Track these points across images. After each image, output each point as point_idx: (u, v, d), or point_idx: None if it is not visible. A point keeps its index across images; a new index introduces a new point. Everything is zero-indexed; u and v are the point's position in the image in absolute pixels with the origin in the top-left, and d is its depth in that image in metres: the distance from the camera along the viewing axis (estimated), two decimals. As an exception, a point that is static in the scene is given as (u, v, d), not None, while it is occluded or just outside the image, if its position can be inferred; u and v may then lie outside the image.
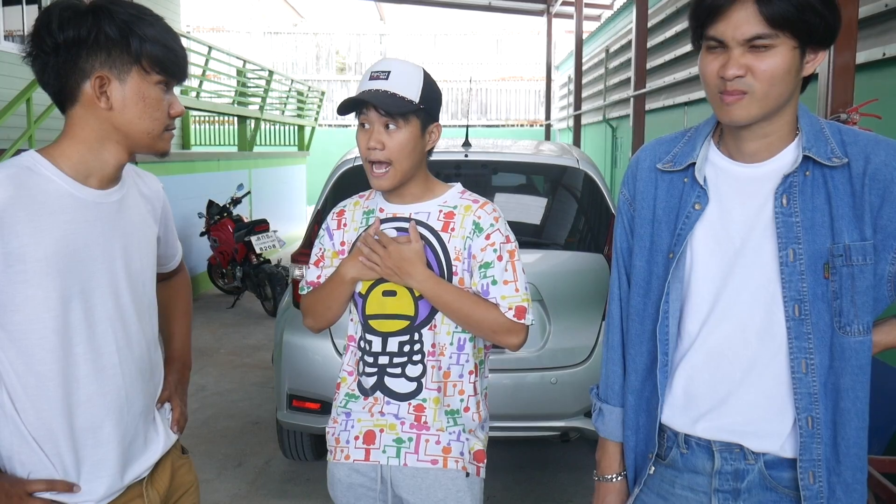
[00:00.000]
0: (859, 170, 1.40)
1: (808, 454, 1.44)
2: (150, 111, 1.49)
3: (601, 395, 1.72)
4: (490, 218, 1.84)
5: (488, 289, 1.82)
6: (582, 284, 3.61)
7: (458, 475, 1.86)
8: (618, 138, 11.76)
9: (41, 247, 1.41)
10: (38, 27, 1.44)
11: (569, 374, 3.51)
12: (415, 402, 1.85)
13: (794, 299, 1.42)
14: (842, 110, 2.84)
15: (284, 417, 3.65)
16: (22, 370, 1.44)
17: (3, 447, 1.47)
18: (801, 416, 1.43)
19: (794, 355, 1.43)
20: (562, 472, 4.10)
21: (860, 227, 1.39)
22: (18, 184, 1.40)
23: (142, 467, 1.62)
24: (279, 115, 12.93)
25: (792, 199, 1.42)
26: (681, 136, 1.59)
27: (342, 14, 25.87)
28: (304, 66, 21.56)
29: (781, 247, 1.42)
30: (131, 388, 1.59)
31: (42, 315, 1.43)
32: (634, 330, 1.62)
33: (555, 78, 17.11)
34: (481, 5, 15.64)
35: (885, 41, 3.97)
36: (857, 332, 1.42)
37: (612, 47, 11.95)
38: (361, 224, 1.92)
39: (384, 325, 1.86)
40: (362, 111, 1.79)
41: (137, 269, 1.61)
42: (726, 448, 1.50)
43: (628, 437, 1.66)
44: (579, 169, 3.85)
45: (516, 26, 21.01)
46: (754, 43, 1.34)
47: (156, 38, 1.46)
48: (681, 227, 1.51)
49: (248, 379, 5.63)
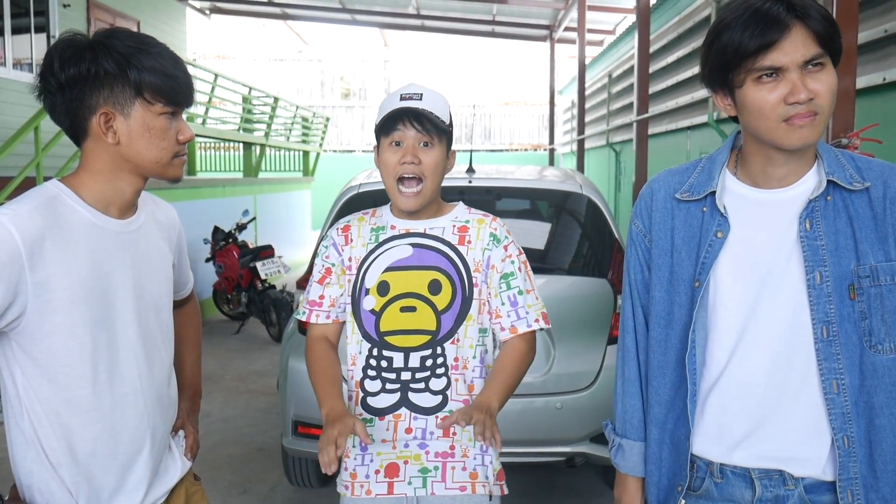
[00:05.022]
0: (879, 194, 1.43)
1: (846, 473, 1.45)
2: (157, 141, 1.51)
3: (619, 430, 1.71)
4: (504, 230, 1.90)
5: (516, 299, 1.86)
6: (586, 309, 3.62)
7: (483, 499, 1.86)
8: (621, 162, 11.81)
9: (68, 276, 1.43)
10: (44, 67, 1.48)
11: (574, 398, 3.51)
12: (441, 415, 1.83)
13: (823, 321, 1.44)
14: (843, 135, 2.87)
15: (290, 444, 3.65)
16: (46, 396, 1.46)
17: (23, 475, 1.50)
18: (838, 436, 1.44)
19: (825, 376, 1.44)
20: (568, 498, 4.08)
21: (885, 248, 1.43)
22: (48, 214, 1.43)
23: (158, 493, 1.64)
24: (284, 140, 13.02)
25: (815, 222, 1.45)
26: (693, 166, 1.61)
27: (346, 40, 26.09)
28: (308, 92, 21.74)
29: (808, 270, 1.44)
30: (153, 415, 1.61)
31: (68, 342, 1.45)
32: (657, 362, 1.62)
33: (558, 102, 17.22)
34: (485, 31, 15.81)
35: (886, 66, 4.01)
36: (889, 350, 1.44)
37: (614, 72, 12.03)
38: (370, 240, 1.90)
39: (404, 341, 1.84)
40: (396, 129, 1.80)
41: (156, 297, 1.63)
42: (766, 475, 1.50)
43: (651, 472, 1.65)
44: (583, 194, 3.87)
45: (520, 52, 21.17)
46: (811, 64, 1.38)
47: (155, 67, 1.47)
48: (704, 256, 1.52)
49: (253, 405, 5.63)
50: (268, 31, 23.65)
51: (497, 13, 14.07)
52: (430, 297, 1.85)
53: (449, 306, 1.84)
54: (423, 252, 1.86)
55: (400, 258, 1.87)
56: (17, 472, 1.51)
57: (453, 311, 1.84)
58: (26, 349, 1.44)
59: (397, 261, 1.87)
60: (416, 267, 1.86)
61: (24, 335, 1.43)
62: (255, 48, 22.55)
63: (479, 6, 13.64)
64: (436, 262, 1.86)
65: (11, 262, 1.36)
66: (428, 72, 21.92)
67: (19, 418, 1.47)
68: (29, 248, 1.38)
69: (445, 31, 16.16)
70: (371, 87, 22.03)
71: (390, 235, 1.89)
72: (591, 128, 13.95)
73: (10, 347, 1.45)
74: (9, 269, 1.36)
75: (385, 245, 1.89)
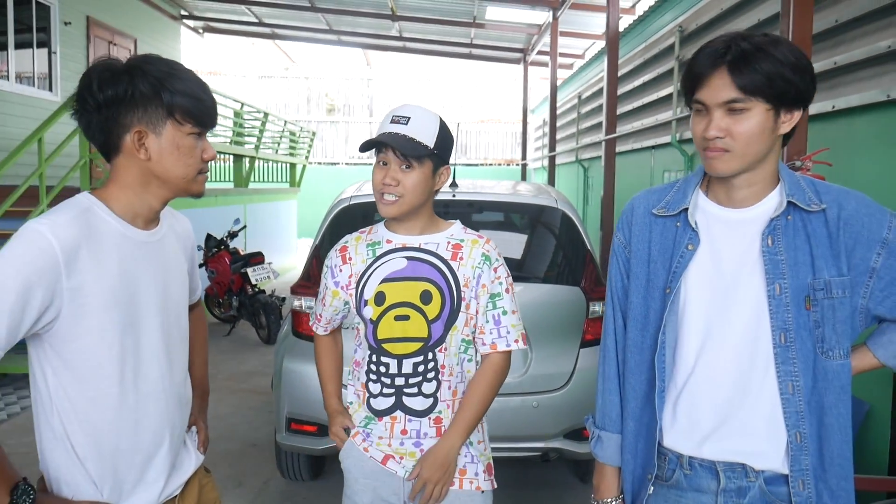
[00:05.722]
0: (834, 215, 1.50)
1: (797, 465, 1.52)
2: (185, 158, 1.54)
3: (598, 423, 1.77)
4: (495, 253, 1.94)
5: (500, 318, 1.91)
6: (560, 315, 3.69)
7: (473, 493, 1.92)
8: (589, 178, 11.93)
9: (100, 282, 1.46)
10: (81, 88, 1.51)
11: (549, 398, 3.58)
12: (433, 416, 1.90)
13: (781, 328, 1.51)
14: (796, 158, 2.95)
15: (284, 440, 3.68)
16: (75, 395, 1.48)
17: (52, 468, 1.51)
18: (791, 433, 1.51)
19: (782, 378, 1.52)
20: (542, 490, 4.14)
21: (838, 264, 1.50)
22: (83, 224, 1.45)
23: (175, 485, 1.66)
24: (273, 153, 12.98)
25: (776, 239, 1.51)
26: (671, 186, 1.69)
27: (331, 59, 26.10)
28: (295, 108, 21.69)
29: (769, 282, 1.51)
30: (172, 413, 1.64)
31: (98, 345, 1.47)
32: (633, 361, 1.68)
33: (530, 121, 17.33)
34: (462, 54, 15.89)
35: (835, 95, 4.12)
36: (839, 357, 1.52)
37: (583, 94, 12.16)
38: (368, 256, 1.94)
39: (398, 348, 1.89)
40: (382, 150, 1.86)
41: (176, 302, 1.67)
42: (730, 468, 1.56)
43: (626, 461, 1.71)
44: (557, 208, 3.95)
45: (495, 73, 21.29)
46: (731, 106, 1.45)
47: (185, 91, 1.51)
48: (675, 265, 1.59)
49: (245, 403, 5.63)
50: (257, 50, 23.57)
51: (474, 37, 14.16)
52: (421, 306, 1.88)
53: (438, 315, 1.88)
54: (417, 264, 1.90)
55: (395, 270, 1.91)
56: (45, 466, 1.53)
57: (442, 320, 1.88)
58: (58, 350, 1.46)
59: (392, 272, 1.91)
60: (409, 278, 1.90)
61: (57, 337, 1.45)
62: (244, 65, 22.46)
63: (458, 30, 13.72)
64: (428, 273, 1.89)
65: (51, 268, 1.39)
66: (408, 91, 21.96)
67: (49, 415, 1.49)
68: (66, 256, 1.40)
69: (425, 52, 16.22)
70: (354, 103, 22.03)
71: (386, 249, 1.93)
72: (562, 145, 14.07)
73: (43, 348, 1.47)
74: (48, 276, 1.38)
75: (382, 259, 1.93)
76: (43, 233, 1.39)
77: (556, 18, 10.84)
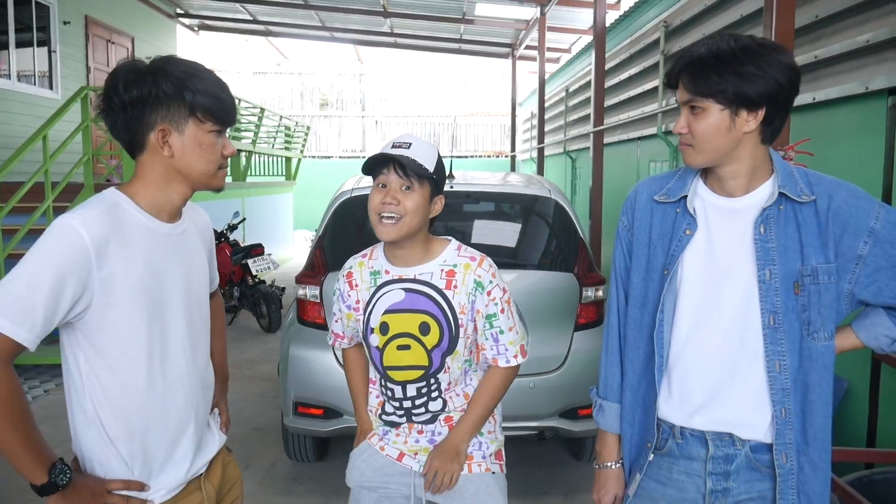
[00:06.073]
0: (824, 206, 1.56)
1: (781, 439, 1.58)
2: (206, 155, 1.58)
3: (601, 392, 1.84)
4: (488, 275, 1.91)
5: (498, 337, 1.92)
6: (555, 301, 3.75)
7: (483, 475, 1.96)
8: (577, 168, 11.98)
9: (128, 273, 1.49)
10: (107, 89, 1.53)
11: (545, 379, 3.64)
12: (443, 416, 1.96)
13: (770, 311, 1.57)
14: (779, 148, 3.01)
15: (291, 423, 3.73)
16: (106, 380, 1.51)
17: (85, 449, 1.55)
18: (777, 408, 1.58)
19: (770, 357, 1.58)
20: (538, 467, 4.20)
21: (825, 252, 1.55)
22: (111, 218, 1.49)
23: (200, 464, 1.70)
24: (269, 147, 12.97)
25: (768, 228, 1.57)
26: (672, 174, 1.74)
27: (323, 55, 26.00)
28: (289, 103, 21.60)
29: (760, 267, 1.57)
30: (196, 396, 1.68)
31: (127, 332, 1.51)
32: (632, 336, 1.75)
33: (519, 113, 17.35)
34: (452, 49, 15.88)
35: (816, 87, 4.18)
36: (823, 338, 1.58)
37: (571, 87, 12.19)
38: (371, 283, 1.95)
39: (401, 375, 1.93)
40: (382, 173, 1.84)
41: (199, 292, 1.70)
42: (718, 437, 1.63)
43: (625, 430, 1.78)
44: (551, 198, 4.00)
45: (484, 67, 21.28)
46: (690, 105, 1.55)
47: (206, 90, 1.54)
48: (673, 248, 1.65)
49: (249, 390, 5.68)
50: (250, 47, 23.44)
51: (464, 32, 14.17)
52: (420, 337, 1.89)
53: (438, 344, 1.89)
54: (414, 296, 1.90)
55: (395, 302, 1.91)
56: (78, 447, 1.57)
57: (441, 349, 1.90)
58: (90, 338, 1.49)
59: (393, 304, 1.91)
60: (408, 310, 1.90)
61: (89, 325, 1.48)
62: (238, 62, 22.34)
63: (448, 26, 13.72)
64: (425, 306, 1.89)
65: (83, 261, 1.42)
66: (399, 85, 21.93)
67: (82, 399, 1.52)
68: (96, 249, 1.43)
69: (416, 48, 16.21)
70: (347, 98, 21.94)
71: (385, 280, 1.93)
72: (550, 137, 14.11)
73: (75, 336, 1.50)
74: (80, 267, 1.42)
75: (382, 289, 1.93)
76: (74, 227, 1.43)
77: (543, 14, 10.86)
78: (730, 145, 1.55)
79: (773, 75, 1.50)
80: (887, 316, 1.62)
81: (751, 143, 1.57)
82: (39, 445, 1.43)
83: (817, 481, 1.61)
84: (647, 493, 1.73)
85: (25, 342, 1.39)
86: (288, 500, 3.81)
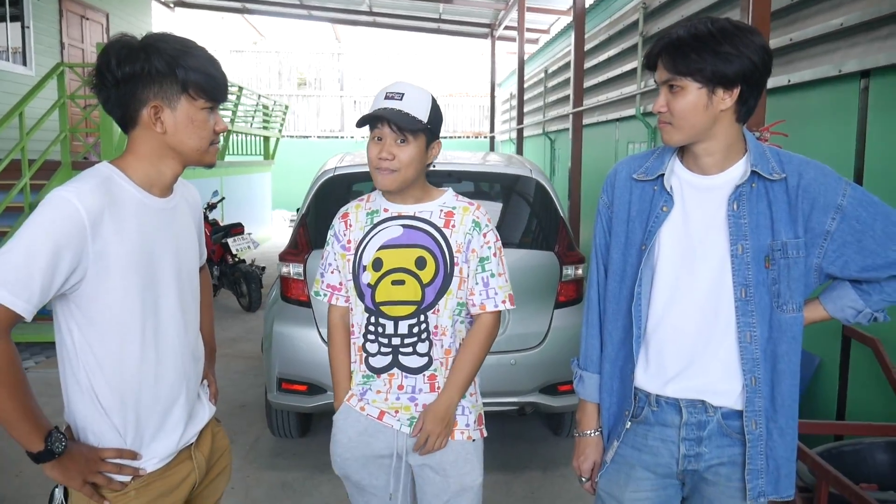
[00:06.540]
0: (794, 183, 1.62)
1: (751, 406, 1.66)
2: (198, 131, 1.59)
3: (581, 363, 1.90)
4: (485, 219, 2.00)
5: (488, 281, 1.97)
6: (536, 279, 3.80)
7: (465, 443, 2.00)
8: (556, 150, 12.03)
9: (122, 245, 1.51)
10: (100, 65, 1.54)
11: (525, 356, 3.70)
12: (427, 373, 1.97)
13: (742, 284, 1.63)
14: (755, 129, 3.08)
15: (275, 398, 3.76)
16: (100, 351, 1.54)
17: (79, 419, 1.58)
18: (747, 377, 1.65)
19: (741, 329, 1.65)
20: (518, 443, 4.28)
21: (795, 228, 1.62)
22: (105, 191, 1.50)
23: (191, 433, 1.74)
24: (247, 126, 12.88)
25: (741, 204, 1.63)
26: (651, 153, 1.80)
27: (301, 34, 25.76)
28: (267, 82, 21.40)
29: (732, 242, 1.63)
30: (188, 367, 1.71)
31: (121, 304, 1.53)
32: (611, 310, 1.81)
33: (498, 94, 17.33)
34: (431, 28, 15.80)
35: (790, 70, 4.25)
36: (792, 310, 1.65)
37: (550, 68, 12.21)
38: (366, 223, 1.99)
39: (394, 310, 1.95)
40: (377, 126, 1.89)
41: (188, 266, 1.73)
42: (691, 404, 1.70)
43: (604, 399, 1.84)
44: (531, 178, 4.05)
45: (463, 47, 21.20)
46: (669, 84, 1.61)
47: (198, 67, 1.56)
48: (651, 224, 1.71)
49: (231, 368, 5.70)
50: (226, 24, 23.14)
51: (443, 12, 14.09)
52: (416, 271, 1.94)
53: (432, 280, 1.94)
54: (412, 232, 1.95)
55: (391, 237, 1.95)
56: (72, 417, 1.59)
57: (435, 285, 1.94)
58: (83, 309, 1.51)
59: (389, 240, 1.95)
60: (405, 245, 1.94)
61: (83, 297, 1.50)
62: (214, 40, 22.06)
63: (427, 5, 13.64)
64: (422, 241, 1.94)
65: (78, 233, 1.44)
66: (378, 65, 21.80)
67: (76, 369, 1.55)
68: (91, 221, 1.45)
69: (395, 27, 16.10)
70: (325, 77, 21.78)
71: (383, 217, 1.97)
72: (529, 118, 14.14)
73: (69, 308, 1.52)
74: (76, 240, 1.44)
75: (379, 227, 1.97)
76: (70, 199, 1.45)
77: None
78: (707, 123, 1.61)
79: (748, 55, 1.56)
80: (853, 289, 1.69)
81: (726, 121, 1.63)
82: (36, 414, 1.46)
83: (784, 446, 1.69)
84: (624, 460, 1.79)
85: (23, 312, 1.41)
86: (272, 474, 3.86)
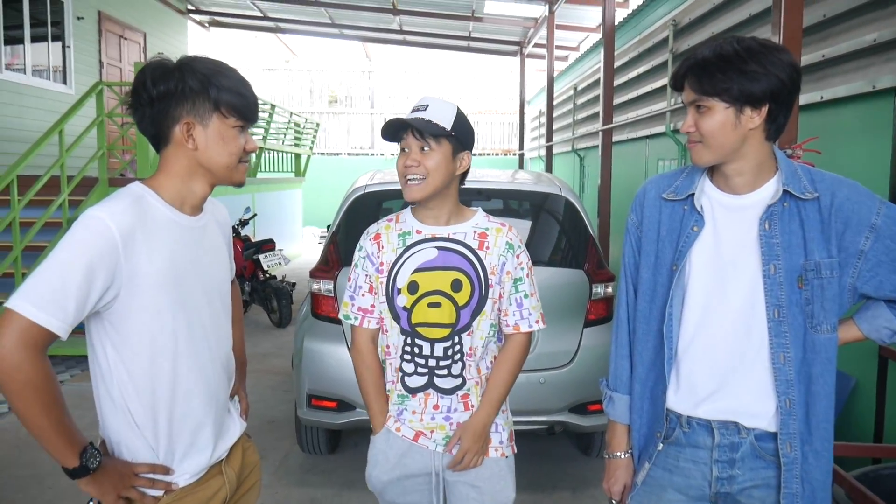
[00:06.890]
0: (827, 203, 1.61)
1: (786, 429, 1.63)
2: (228, 147, 1.63)
3: (610, 385, 1.88)
4: (517, 240, 2.01)
5: (522, 301, 1.99)
6: (565, 297, 3.78)
7: (498, 460, 2.01)
8: (585, 167, 12.00)
9: (154, 264, 1.54)
10: (136, 84, 1.58)
11: (555, 374, 3.68)
12: (461, 393, 1.99)
13: (775, 305, 1.61)
14: (787, 147, 3.05)
15: (304, 415, 3.78)
16: (132, 368, 1.56)
17: (112, 434, 1.60)
18: (782, 399, 1.62)
19: (775, 350, 1.62)
20: (547, 462, 4.25)
21: (828, 248, 1.60)
22: (137, 211, 1.53)
23: (222, 449, 1.75)
24: (279, 144, 13.04)
25: (773, 224, 1.62)
26: (679, 172, 1.79)
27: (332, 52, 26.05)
28: (299, 100, 21.67)
29: (765, 262, 1.62)
30: (219, 384, 1.73)
31: (153, 321, 1.55)
32: (641, 330, 1.79)
33: (527, 111, 17.34)
34: (461, 46, 15.90)
35: (823, 86, 4.21)
36: (826, 331, 1.62)
37: (579, 85, 12.21)
38: (398, 245, 1.98)
39: (430, 332, 1.96)
40: (402, 138, 1.92)
41: (219, 283, 1.75)
42: (723, 426, 1.67)
43: (634, 420, 1.82)
44: (561, 195, 4.04)
45: (492, 65, 21.29)
46: (697, 104, 1.61)
47: (231, 87, 1.60)
48: (682, 244, 1.70)
49: (261, 383, 5.74)
50: (259, 43, 23.52)
51: (473, 30, 14.19)
52: (452, 294, 1.94)
53: (468, 303, 1.95)
54: (447, 254, 1.95)
55: (426, 260, 1.95)
56: (106, 433, 1.61)
57: (470, 307, 1.95)
58: (117, 327, 1.54)
59: (425, 262, 1.95)
60: (441, 268, 1.95)
61: (116, 315, 1.52)
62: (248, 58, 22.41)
63: (456, 23, 13.74)
64: (458, 263, 1.95)
65: (111, 252, 1.47)
66: (408, 83, 21.98)
67: (109, 386, 1.57)
68: (124, 241, 1.48)
69: (425, 45, 16.24)
70: (356, 94, 22.02)
71: (417, 240, 1.97)
72: (558, 135, 14.12)
73: (102, 325, 1.55)
74: (109, 258, 1.46)
75: (412, 249, 1.97)
76: (103, 219, 1.47)
77: (552, 12, 10.86)
78: (736, 142, 1.60)
79: (775, 73, 1.55)
80: (888, 308, 1.67)
81: (756, 140, 1.62)
82: (71, 431, 1.48)
83: (820, 470, 1.65)
84: (655, 482, 1.77)
85: (59, 331, 1.43)
86: (302, 490, 3.87)
